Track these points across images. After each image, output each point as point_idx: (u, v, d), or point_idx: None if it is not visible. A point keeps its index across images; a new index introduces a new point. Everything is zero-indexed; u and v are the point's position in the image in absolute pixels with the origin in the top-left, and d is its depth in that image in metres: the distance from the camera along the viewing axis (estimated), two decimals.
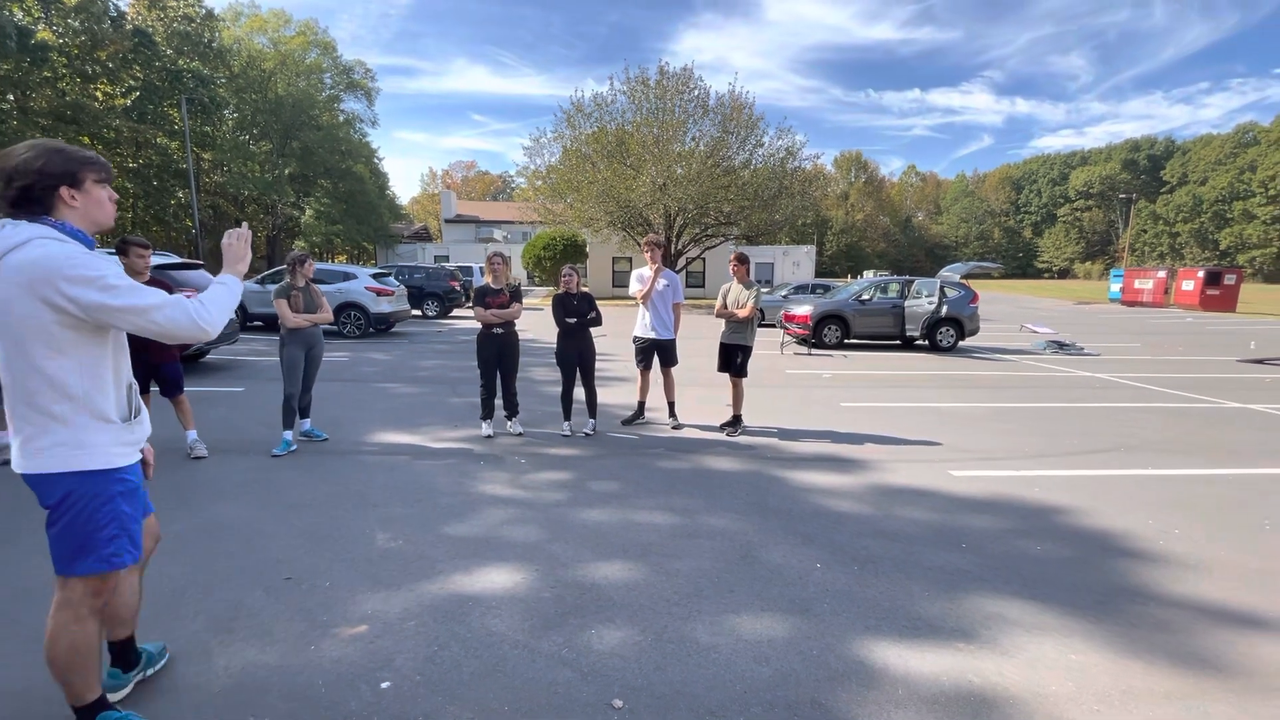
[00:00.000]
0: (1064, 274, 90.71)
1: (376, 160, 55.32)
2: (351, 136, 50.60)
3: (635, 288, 6.08)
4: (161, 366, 4.80)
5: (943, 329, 12.72)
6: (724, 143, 24.98)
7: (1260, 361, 11.48)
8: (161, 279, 4.85)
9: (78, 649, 1.85)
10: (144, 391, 4.81)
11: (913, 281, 13.48)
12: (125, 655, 2.18)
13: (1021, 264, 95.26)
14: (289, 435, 5.08)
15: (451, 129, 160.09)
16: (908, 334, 12.90)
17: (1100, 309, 30.37)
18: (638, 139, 24.75)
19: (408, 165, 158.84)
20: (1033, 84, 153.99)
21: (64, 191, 1.75)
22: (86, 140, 32.35)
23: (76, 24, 30.56)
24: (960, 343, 12.98)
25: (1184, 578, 3.22)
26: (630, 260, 31.43)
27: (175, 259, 8.79)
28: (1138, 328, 19.59)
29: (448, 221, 53.27)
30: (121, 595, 2.08)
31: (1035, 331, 15.81)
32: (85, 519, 1.79)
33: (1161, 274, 31.79)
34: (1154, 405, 7.66)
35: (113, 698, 2.09)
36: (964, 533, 3.73)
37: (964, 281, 13.60)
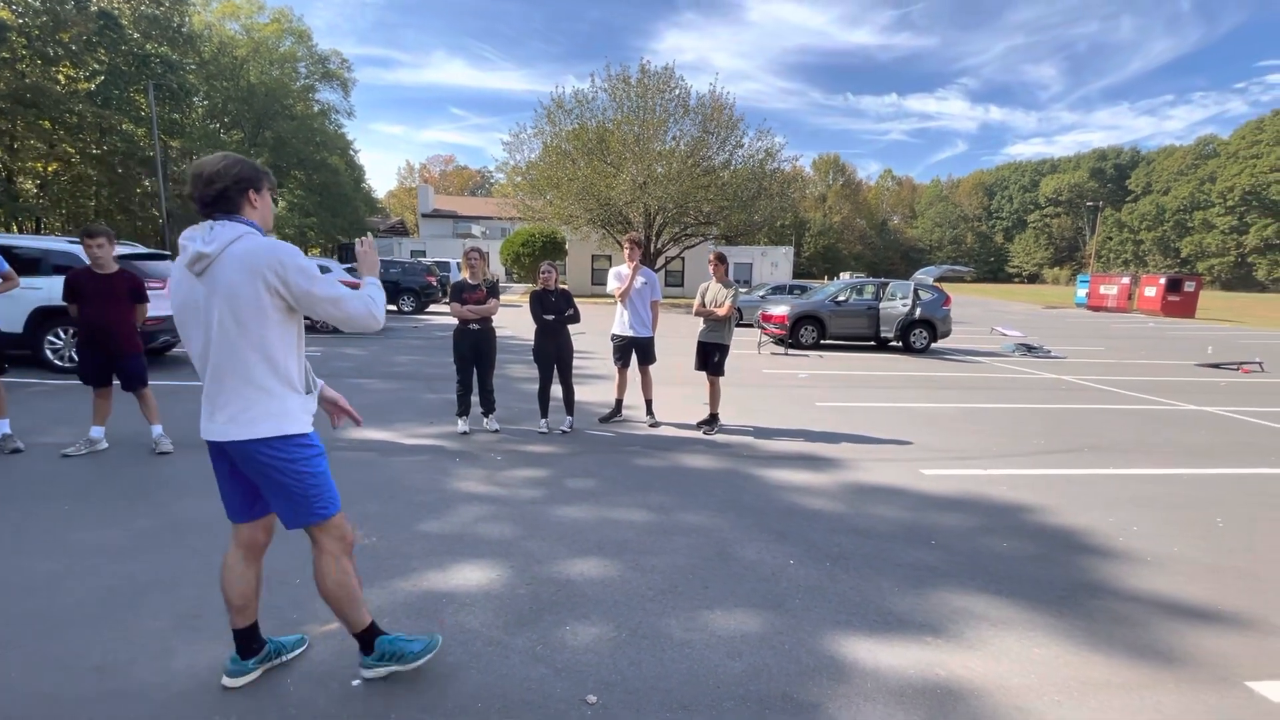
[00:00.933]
0: (1034, 279, 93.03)
1: (352, 152, 54.42)
2: (326, 127, 49.71)
3: (613, 285, 6.06)
4: (119, 359, 4.64)
5: (916, 331, 12.95)
6: (704, 143, 25.09)
7: (1217, 366, 11.91)
8: (129, 269, 4.69)
9: (344, 585, 2.17)
10: (105, 385, 4.68)
11: (888, 284, 13.71)
12: (247, 642, 2.25)
13: (993, 268, 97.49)
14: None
15: (430, 122, 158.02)
16: (882, 335, 13.11)
17: (1067, 313, 31.20)
18: (618, 137, 24.73)
19: (385, 158, 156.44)
20: (1006, 92, 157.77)
21: (250, 195, 2.01)
22: (47, 125, 31.25)
23: (37, 4, 29.47)
24: (933, 344, 13.23)
25: (1141, 573, 3.33)
26: (610, 258, 31.39)
27: (141, 249, 8.54)
28: (1102, 332, 20.16)
29: (425, 216, 52.57)
30: (233, 583, 2.20)
31: (1005, 334, 16.18)
32: (299, 475, 2.07)
33: (1125, 280, 32.77)
34: (1116, 407, 7.90)
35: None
36: (933, 530, 3.81)
37: (937, 284, 13.88)
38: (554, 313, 5.60)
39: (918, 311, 12.71)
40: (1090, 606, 2.97)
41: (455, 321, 5.52)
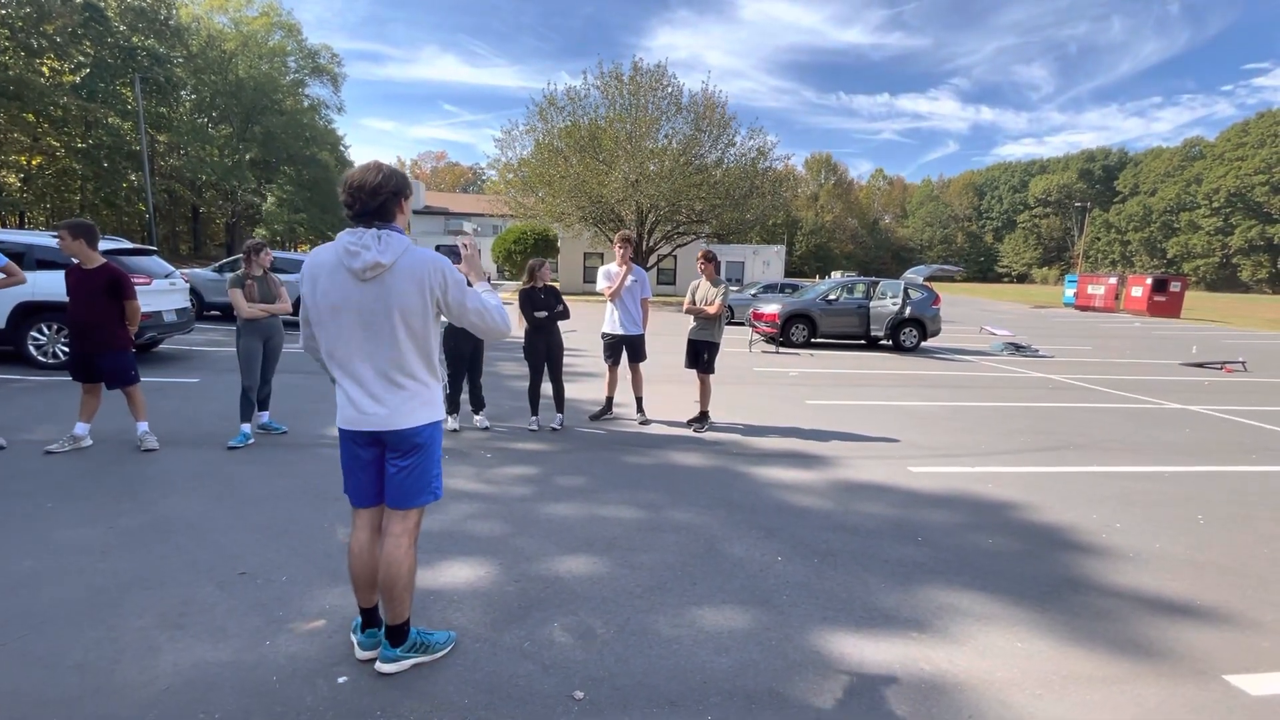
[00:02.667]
0: (1023, 278, 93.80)
1: (343, 148, 54.08)
2: (316, 123, 49.33)
3: (603, 284, 6.06)
4: (98, 356, 4.53)
5: (906, 329, 13.03)
6: (696, 141, 25.12)
7: (1201, 365, 12.06)
8: (113, 264, 4.63)
9: (414, 569, 2.31)
10: (91, 381, 4.63)
11: (878, 283, 13.78)
12: (372, 618, 2.37)
13: (983, 268, 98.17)
14: (246, 428, 4.94)
15: (421, 118, 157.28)
16: (873, 334, 13.18)
17: (1055, 313, 31.49)
18: (610, 134, 24.71)
19: (376, 154, 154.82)
20: (997, 93, 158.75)
21: (402, 203, 2.17)
22: (31, 118, 30.83)
23: None
24: (923, 343, 13.32)
25: (1124, 569, 3.37)
26: (602, 256, 31.34)
27: (127, 244, 8.44)
28: (1090, 331, 20.37)
29: (416, 213, 52.20)
30: (367, 564, 2.31)
31: (994, 333, 16.31)
32: (431, 459, 2.28)
33: (1113, 280, 33.11)
34: (1102, 405, 7.98)
35: (390, 669, 2.27)
36: (920, 527, 3.84)
37: (927, 284, 13.97)
38: (544, 310, 5.59)
39: (908, 310, 12.79)
40: (1073, 602, 3.01)
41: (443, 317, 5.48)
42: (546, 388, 5.80)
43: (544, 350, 5.68)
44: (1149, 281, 30.29)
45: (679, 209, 25.31)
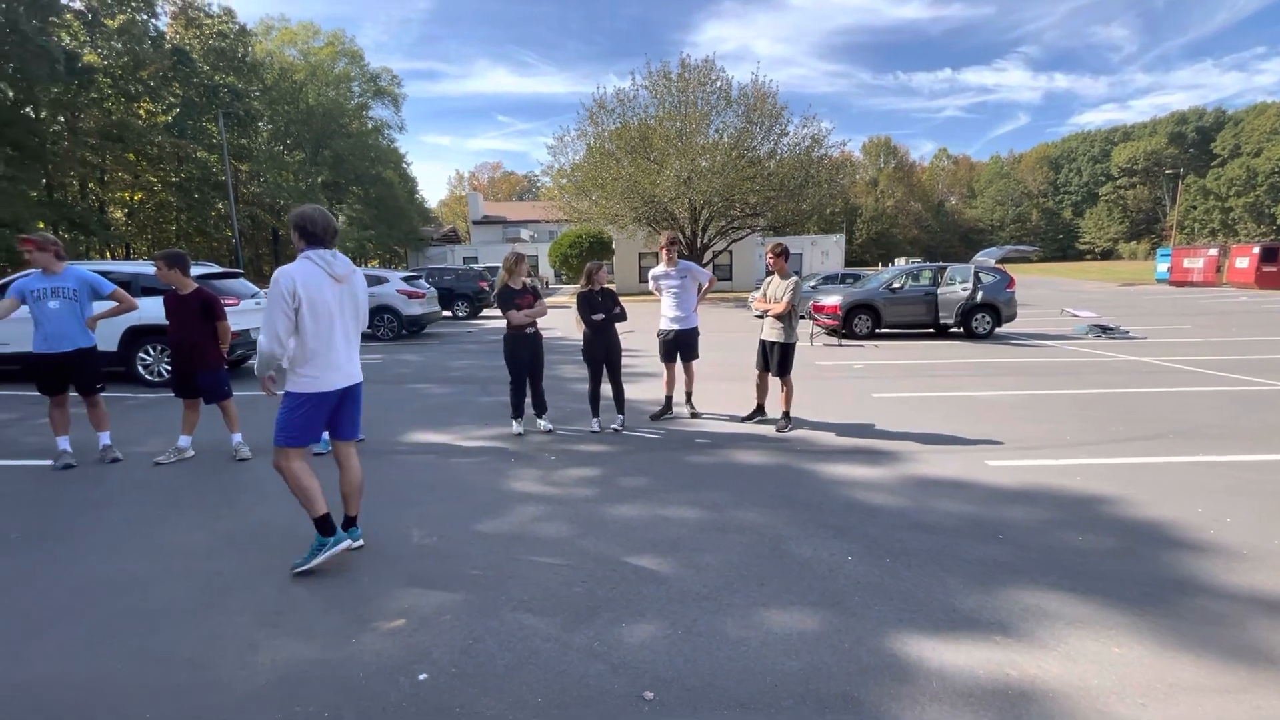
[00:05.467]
0: (1107, 255, 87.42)
1: (405, 165, 56.38)
2: (380, 143, 51.64)
3: (652, 285, 6.29)
4: (196, 374, 4.94)
5: (978, 316, 12.40)
6: (748, 133, 24.77)
7: None
8: (204, 289, 5.01)
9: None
10: (191, 397, 5.03)
11: (945, 268, 13.18)
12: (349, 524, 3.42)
13: (1061, 246, 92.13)
14: (326, 435, 5.21)
15: (476, 130, 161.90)
16: (941, 322, 12.61)
17: (1147, 290, 29.21)
18: (661, 133, 24.69)
19: (435, 169, 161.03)
20: (1072, 58, 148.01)
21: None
22: (132, 157, 33.69)
23: (119, 45, 31.80)
24: (997, 329, 12.63)
25: (1237, 568, 3.09)
26: (656, 256, 31.37)
27: (216, 268, 9.11)
28: (1187, 308, 18.78)
29: (475, 223, 53.97)
30: (315, 481, 3.20)
31: (1076, 315, 15.28)
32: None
33: (1213, 252, 30.40)
34: (1206, 389, 7.34)
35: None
36: (1001, 524, 3.65)
37: (1000, 266, 13.23)
38: (602, 312, 5.64)
39: (979, 295, 12.16)
40: (1177, 604, 2.78)
41: (503, 325, 5.61)
42: (606, 389, 5.86)
43: (602, 352, 5.73)
44: (1256, 251, 27.61)
45: (732, 203, 25.03)
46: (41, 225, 25.93)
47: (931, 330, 13.02)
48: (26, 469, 4.86)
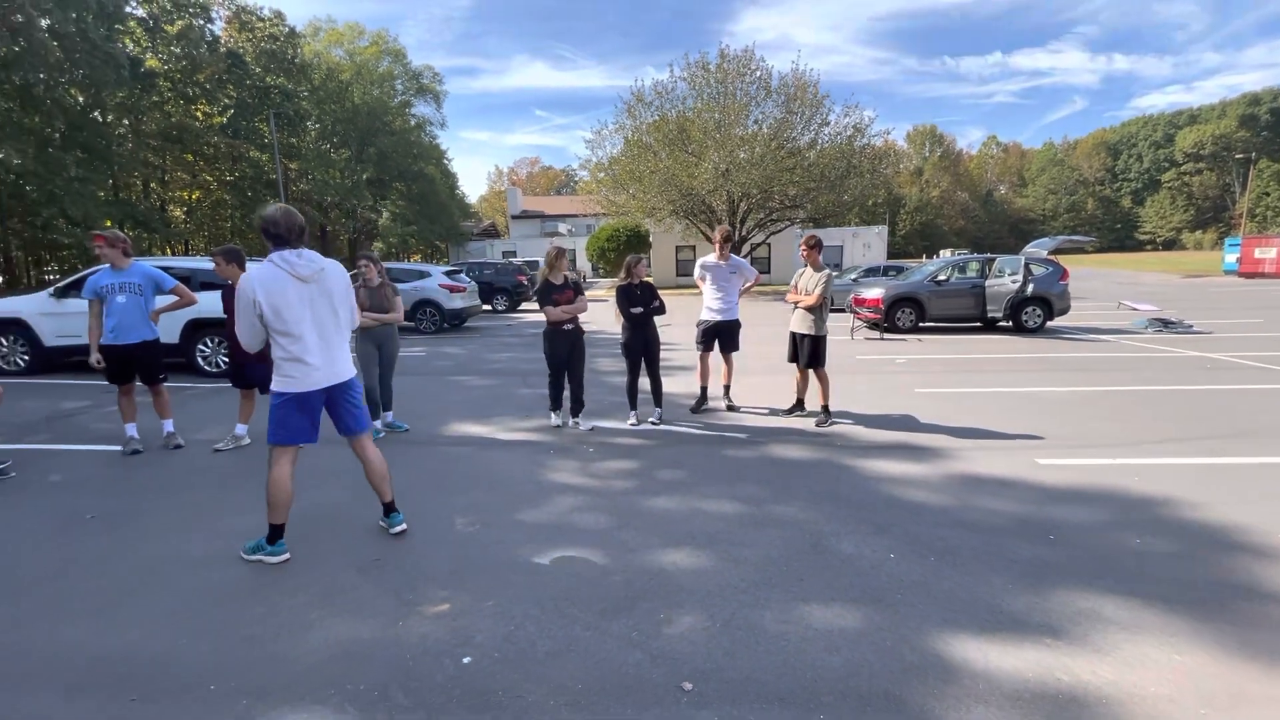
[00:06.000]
0: (1170, 245, 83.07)
1: (446, 161, 57.27)
2: (422, 140, 52.60)
3: (698, 274, 6.26)
4: (246, 365, 5.12)
5: (1028, 309, 11.95)
6: (788, 124, 24.36)
7: None
8: None
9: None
10: (246, 388, 5.25)
11: (994, 259, 12.74)
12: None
13: (1119, 236, 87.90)
14: (376, 424, 5.39)
15: (515, 126, 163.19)
16: (989, 315, 12.21)
17: (1214, 282, 27.66)
18: (699, 125, 24.50)
19: (475, 164, 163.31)
20: (1134, 37, 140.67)
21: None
22: (190, 157, 35.21)
23: (178, 50, 33.20)
24: (1049, 323, 12.17)
25: None
26: (694, 249, 31.22)
27: None
28: (1259, 301, 17.71)
29: (514, 218, 54.65)
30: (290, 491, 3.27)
31: (1135, 309, 14.59)
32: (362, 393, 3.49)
33: None
34: (1277, 387, 6.93)
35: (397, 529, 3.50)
36: (1052, 524, 3.53)
37: (1052, 257, 12.72)
38: (641, 306, 5.65)
39: (1030, 288, 11.72)
40: (1245, 611, 2.64)
41: (542, 318, 5.65)
42: (644, 382, 5.88)
43: (641, 345, 5.74)
44: None
45: (771, 195, 24.69)
46: (109, 223, 27.36)
47: (978, 324, 12.62)
48: (99, 453, 5.16)
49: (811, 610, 2.71)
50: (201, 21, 34.28)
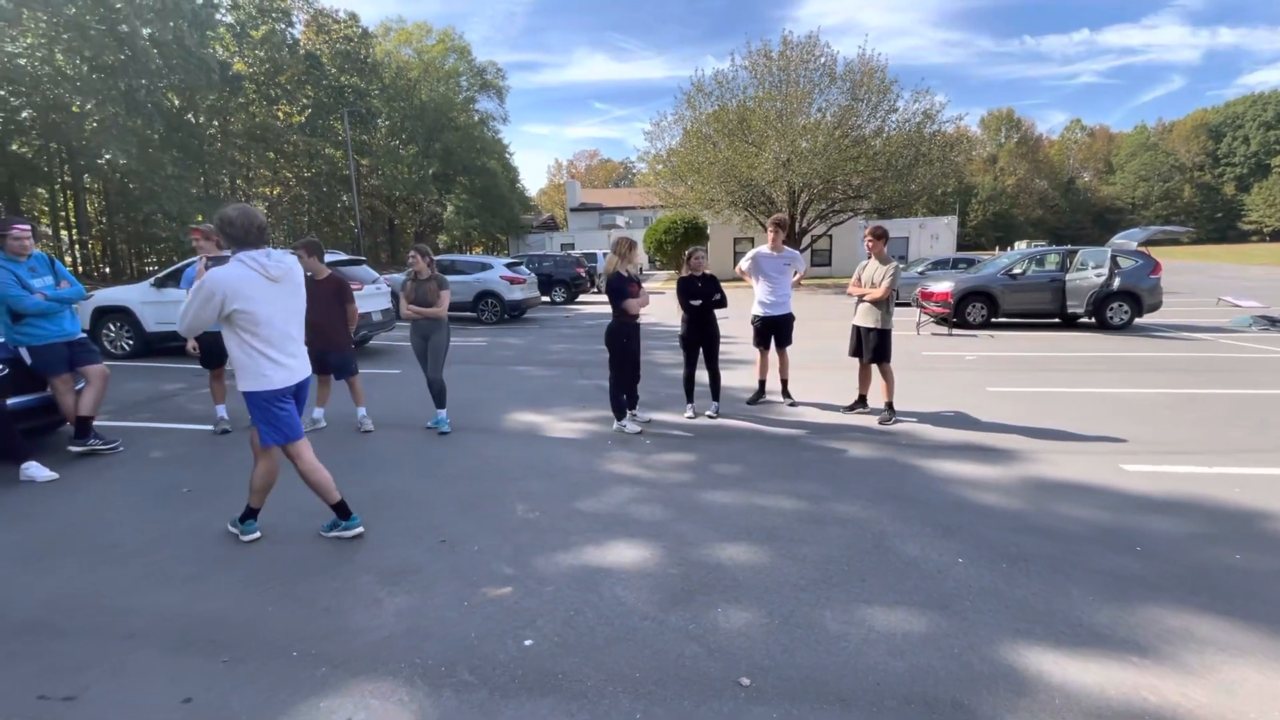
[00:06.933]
0: (1279, 236, 75.82)
1: (507, 155, 58.51)
2: (485, 135, 53.91)
3: (745, 265, 6.21)
4: (328, 352, 5.35)
5: (1114, 304, 11.18)
6: (853, 111, 23.56)
7: None
8: (338, 274, 5.48)
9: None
10: (324, 373, 5.54)
11: (1076, 252, 11.97)
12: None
13: (1220, 226, 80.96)
14: (442, 414, 5.55)
15: (575, 119, 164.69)
16: (1069, 311, 11.49)
17: None
18: (760, 114, 24.02)
19: (535, 157, 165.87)
20: (1242, 8, 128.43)
21: None
22: (272, 155, 37.32)
23: (262, 54, 35.19)
24: (1137, 320, 11.35)
25: None
26: (752, 240, 30.75)
27: (343, 255, 9.95)
28: None
29: (573, 210, 55.25)
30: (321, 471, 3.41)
31: (1237, 305, 13.42)
32: None
33: None
34: None
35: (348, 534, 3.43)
36: (1139, 535, 3.31)
37: (1142, 249, 11.84)
38: (700, 298, 5.60)
39: (1116, 282, 10.95)
40: None
41: (599, 310, 5.62)
42: (702, 375, 5.84)
43: (699, 338, 5.69)
44: None
45: (834, 185, 23.98)
46: (200, 218, 29.38)
47: (1057, 321, 11.91)
48: (194, 432, 5.57)
49: (874, 612, 2.64)
50: (283, 26, 36.21)
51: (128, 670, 2.34)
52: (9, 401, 4.42)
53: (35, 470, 4.35)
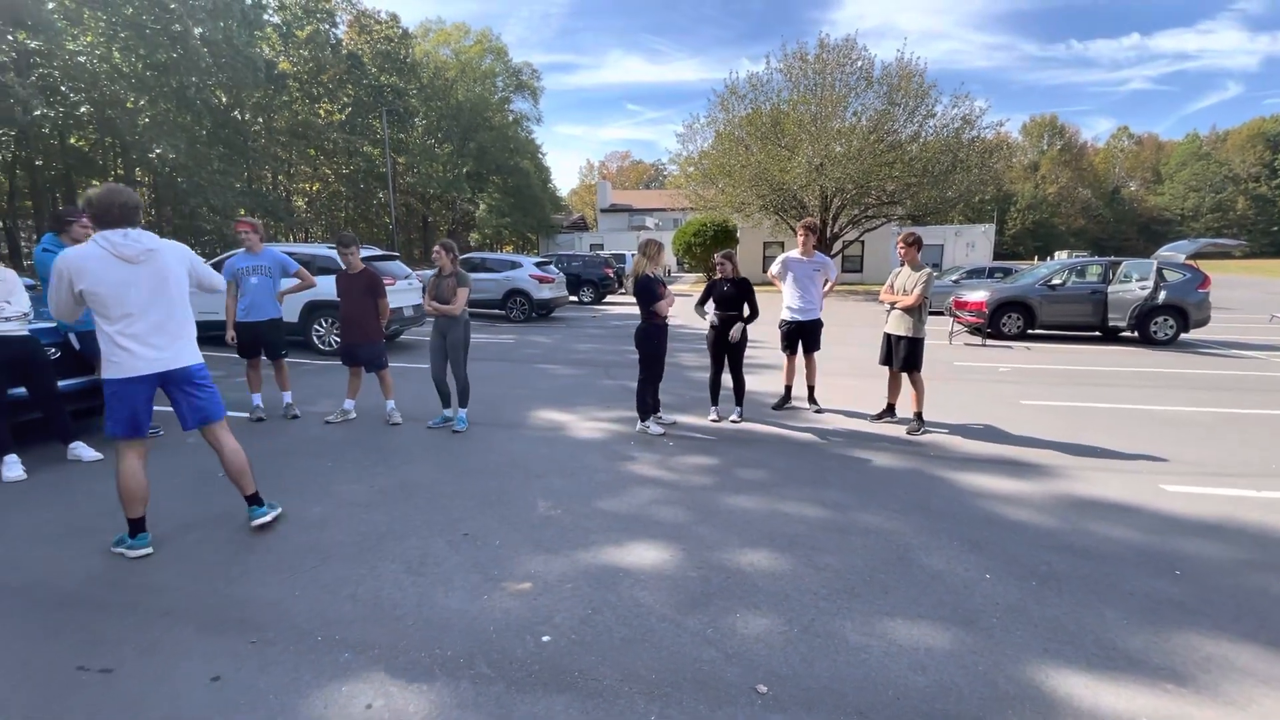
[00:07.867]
0: None
1: (540, 155, 59.01)
2: (519, 135, 54.49)
3: (774, 270, 6.16)
4: (360, 345, 5.50)
5: (1159, 319, 10.80)
6: (889, 115, 23.18)
7: None
8: (370, 269, 5.60)
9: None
10: (356, 365, 5.66)
11: (1119, 263, 11.60)
12: (141, 526, 3.18)
13: (1277, 240, 77.46)
14: (446, 413, 5.58)
15: (607, 120, 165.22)
16: (1111, 324, 11.13)
17: None
18: (794, 118, 23.80)
19: (567, 157, 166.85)
20: None
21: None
22: (313, 152, 38.32)
23: (306, 53, 36.15)
24: (1183, 335, 10.95)
25: None
26: (782, 245, 30.51)
27: (376, 250, 10.16)
28: None
29: (603, 211, 55.45)
30: (144, 484, 3.13)
31: None
32: (213, 384, 3.35)
33: None
34: None
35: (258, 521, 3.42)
36: (1178, 558, 3.19)
37: (1190, 263, 11.41)
38: (725, 307, 5.54)
39: (1161, 295, 10.58)
40: None
41: (626, 311, 5.61)
42: (726, 379, 5.82)
43: (725, 342, 5.66)
44: None
45: (868, 191, 23.62)
46: (243, 212, 30.28)
47: (1097, 334, 11.55)
48: (230, 419, 5.69)
49: (896, 625, 2.59)
50: (327, 26, 37.15)
51: (162, 647, 2.42)
52: (59, 384, 4.61)
53: (82, 450, 4.53)
